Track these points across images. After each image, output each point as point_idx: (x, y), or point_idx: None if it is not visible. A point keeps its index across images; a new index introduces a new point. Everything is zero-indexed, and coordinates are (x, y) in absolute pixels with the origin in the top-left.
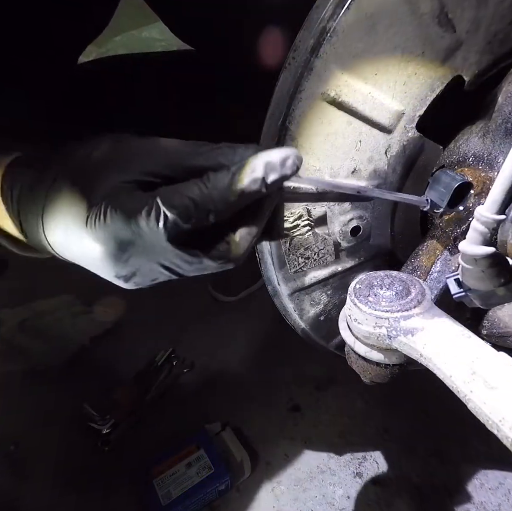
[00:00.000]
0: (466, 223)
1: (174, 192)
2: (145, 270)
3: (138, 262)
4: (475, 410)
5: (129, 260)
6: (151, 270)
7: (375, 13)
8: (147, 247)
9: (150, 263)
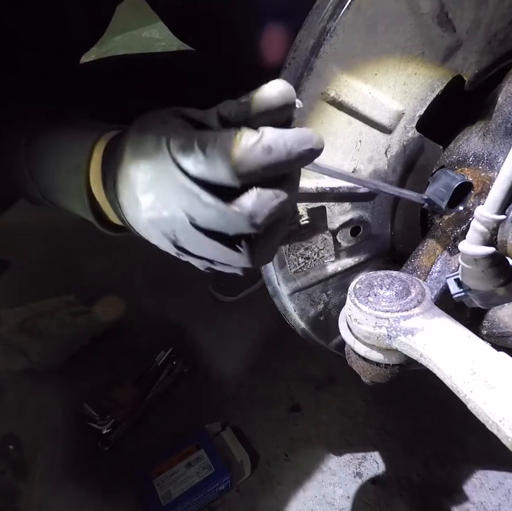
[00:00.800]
0: (466, 223)
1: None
2: (165, 193)
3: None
4: (475, 410)
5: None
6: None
7: (375, 13)
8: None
9: (170, 197)
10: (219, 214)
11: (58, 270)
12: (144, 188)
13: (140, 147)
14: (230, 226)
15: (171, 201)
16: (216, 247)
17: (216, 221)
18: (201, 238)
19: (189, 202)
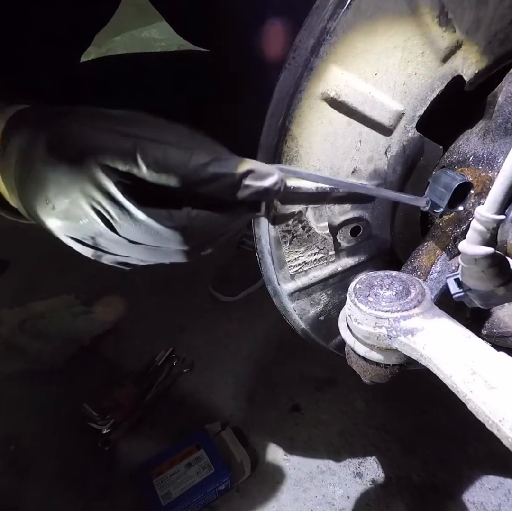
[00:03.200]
0: (466, 223)
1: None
2: (74, 198)
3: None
4: (475, 410)
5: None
6: (78, 203)
7: (375, 13)
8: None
9: (80, 194)
10: (150, 231)
11: (58, 270)
12: (58, 191)
13: (61, 145)
14: (160, 242)
15: (90, 208)
16: (150, 251)
17: (145, 236)
18: (129, 245)
19: (116, 214)
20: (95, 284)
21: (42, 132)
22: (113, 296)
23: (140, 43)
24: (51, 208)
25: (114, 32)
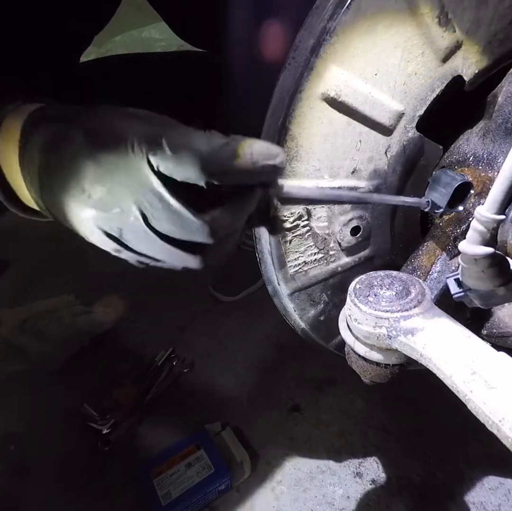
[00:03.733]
0: (466, 223)
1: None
2: (114, 188)
3: (115, 189)
4: (475, 410)
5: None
6: (118, 193)
7: (375, 13)
8: (127, 171)
9: (126, 193)
10: (181, 221)
11: (58, 270)
12: (94, 179)
13: (96, 135)
14: (188, 234)
15: (125, 197)
16: (170, 251)
17: (175, 227)
18: (153, 239)
19: (150, 202)
20: (95, 284)
21: (75, 125)
22: (113, 296)
23: (140, 43)
24: (87, 197)
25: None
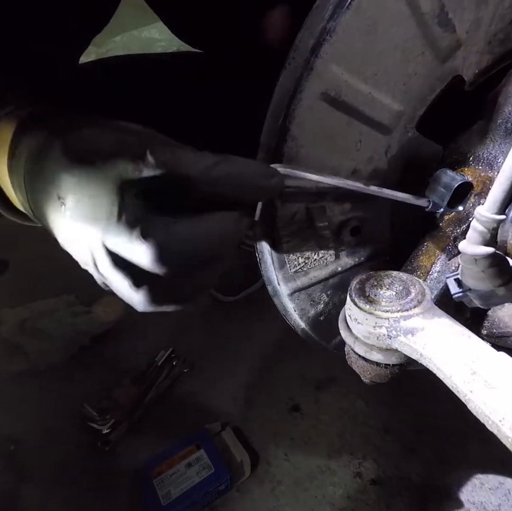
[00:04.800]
0: (466, 223)
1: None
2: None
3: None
4: (475, 410)
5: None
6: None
7: (375, 13)
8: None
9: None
10: (126, 241)
11: (58, 270)
12: (67, 187)
13: (75, 148)
14: (134, 258)
15: (92, 207)
16: (116, 276)
17: (122, 249)
18: (109, 264)
19: (107, 222)
20: (95, 284)
21: (58, 134)
22: (113, 296)
23: (140, 43)
24: (61, 205)
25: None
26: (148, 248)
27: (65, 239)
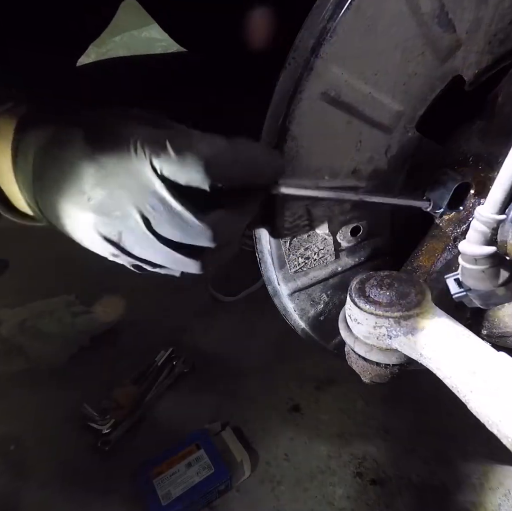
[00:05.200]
0: (466, 223)
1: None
2: (113, 192)
3: (114, 192)
4: (475, 410)
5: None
6: (117, 197)
7: (375, 13)
8: (129, 174)
9: (127, 196)
10: (184, 225)
11: (58, 270)
12: (95, 182)
13: (97, 137)
14: (190, 238)
15: (126, 200)
16: (170, 254)
17: (177, 230)
18: (154, 243)
19: (152, 204)
20: (95, 284)
21: (74, 125)
22: (113, 296)
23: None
24: (87, 200)
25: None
26: (207, 229)
27: (89, 229)
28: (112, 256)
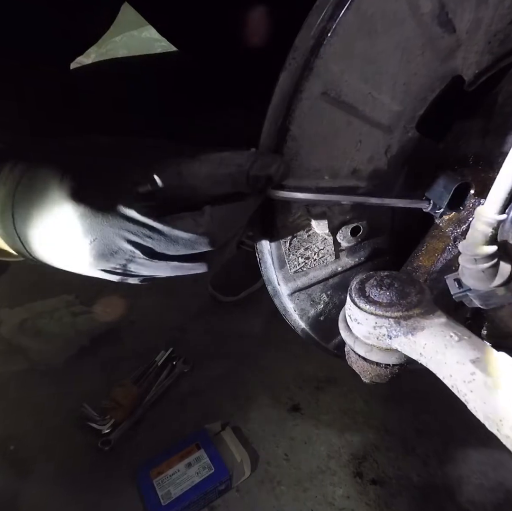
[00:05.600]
0: (466, 223)
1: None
2: (104, 235)
3: (98, 226)
4: (475, 410)
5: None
6: (110, 238)
7: (375, 13)
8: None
9: (111, 229)
10: (179, 240)
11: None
12: (85, 230)
13: (76, 182)
14: (190, 248)
15: (120, 238)
16: (176, 267)
17: (176, 248)
18: (158, 264)
19: (145, 235)
20: (95, 284)
21: (50, 166)
22: (113, 296)
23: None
24: (82, 248)
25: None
26: (203, 236)
27: (90, 269)
28: (121, 280)
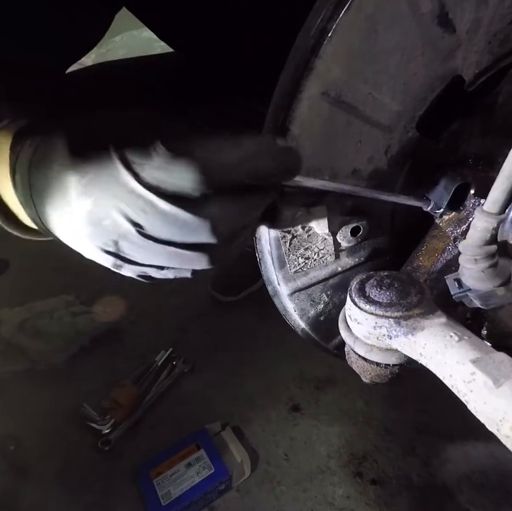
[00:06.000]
0: (466, 223)
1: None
2: (100, 201)
3: (97, 190)
4: (475, 410)
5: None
6: (98, 200)
7: (375, 13)
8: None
9: (113, 203)
10: (178, 222)
11: (58, 270)
12: (80, 191)
13: (80, 146)
14: (189, 234)
15: (113, 207)
16: (174, 253)
17: (173, 229)
18: (152, 246)
19: (139, 209)
20: (95, 284)
21: (58, 137)
22: (113, 296)
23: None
24: (76, 212)
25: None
26: (204, 222)
27: (84, 241)
28: (115, 267)
